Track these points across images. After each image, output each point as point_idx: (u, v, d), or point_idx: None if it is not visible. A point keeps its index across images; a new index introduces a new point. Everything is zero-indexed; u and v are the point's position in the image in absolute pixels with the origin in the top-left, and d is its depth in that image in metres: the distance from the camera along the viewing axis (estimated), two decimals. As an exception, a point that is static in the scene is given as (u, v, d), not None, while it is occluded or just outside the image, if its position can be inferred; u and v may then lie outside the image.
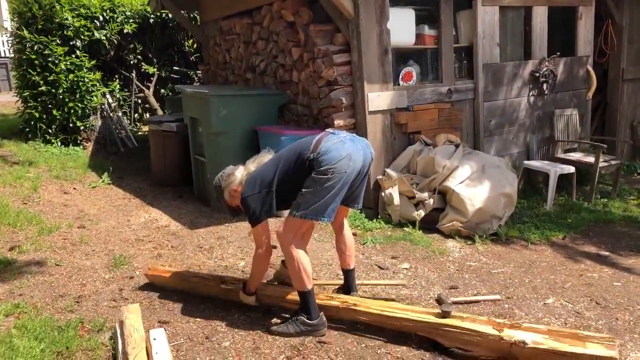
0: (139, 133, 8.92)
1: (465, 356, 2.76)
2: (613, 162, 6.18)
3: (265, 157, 3.16)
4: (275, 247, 4.35)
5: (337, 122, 4.95)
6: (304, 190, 2.88)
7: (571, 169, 5.80)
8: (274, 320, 3.15)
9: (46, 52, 7.18)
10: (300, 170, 2.92)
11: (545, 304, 3.47)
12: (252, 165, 3.13)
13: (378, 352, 2.85)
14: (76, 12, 7.69)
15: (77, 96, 7.43)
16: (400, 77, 5.25)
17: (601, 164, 5.90)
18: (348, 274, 3.33)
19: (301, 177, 2.91)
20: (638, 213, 5.53)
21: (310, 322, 2.96)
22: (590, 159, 6.00)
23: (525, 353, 2.63)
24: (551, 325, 3.15)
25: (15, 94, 7.92)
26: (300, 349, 2.85)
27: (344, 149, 2.90)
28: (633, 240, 4.75)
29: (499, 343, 2.66)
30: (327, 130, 3.08)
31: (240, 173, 3.10)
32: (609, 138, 7.00)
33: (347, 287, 3.33)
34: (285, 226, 2.95)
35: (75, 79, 7.34)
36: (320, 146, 2.90)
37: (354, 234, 4.65)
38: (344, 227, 3.30)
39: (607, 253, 4.47)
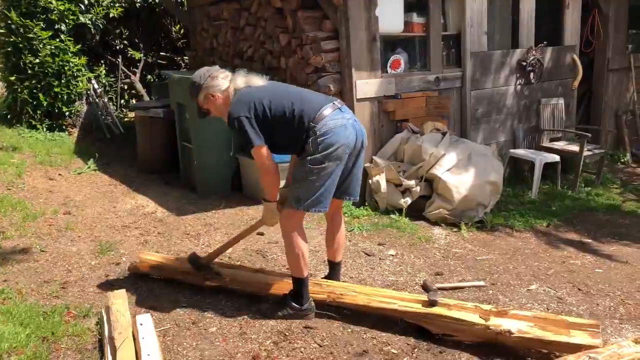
0: (125, 119, 8.83)
1: (451, 341, 2.80)
2: (597, 151, 6.25)
3: (256, 80, 2.95)
4: (262, 234, 4.37)
5: (324, 109, 4.95)
6: (301, 182, 2.84)
7: (556, 158, 5.86)
8: (261, 305, 3.15)
9: (30, 35, 7.07)
10: (295, 128, 2.81)
11: (528, 290, 3.53)
12: (241, 81, 2.95)
13: (364, 337, 2.88)
14: (60, -5, 7.56)
15: (63, 81, 7.32)
16: (389, 64, 5.25)
17: (585, 153, 5.97)
18: (334, 266, 3.31)
19: (293, 133, 2.83)
20: (620, 202, 5.62)
21: (298, 306, 2.97)
22: (575, 148, 6.07)
23: (511, 341, 2.68)
24: (534, 311, 3.20)
25: (-1, 79, 7.79)
26: (287, 334, 2.87)
27: (344, 135, 2.80)
28: (615, 228, 4.83)
29: (486, 332, 2.71)
30: (334, 103, 2.90)
31: (226, 82, 2.94)
32: (594, 127, 7.07)
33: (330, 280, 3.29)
34: (287, 215, 2.93)
35: (60, 64, 7.23)
36: (322, 122, 2.78)
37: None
38: (336, 218, 3.23)
39: (589, 240, 4.54)
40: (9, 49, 7.15)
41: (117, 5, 8.47)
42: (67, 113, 7.53)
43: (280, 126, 2.84)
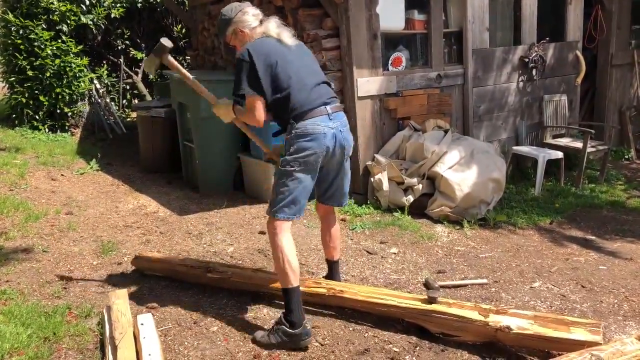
0: (128, 119, 8.85)
1: (452, 341, 2.79)
2: (601, 148, 6.22)
3: (287, 37, 2.83)
4: (264, 233, 4.37)
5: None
6: (275, 187, 2.78)
7: (559, 155, 5.83)
8: (255, 331, 2.90)
9: (32, 36, 7.07)
10: (282, 111, 2.77)
11: (531, 287, 3.51)
12: (274, 29, 2.84)
13: (365, 335, 2.87)
14: (62, -4, 7.58)
15: (65, 82, 7.34)
16: (390, 62, 5.23)
17: (589, 150, 5.93)
18: (332, 265, 3.28)
19: (280, 113, 2.80)
20: (624, 198, 5.59)
21: (292, 331, 2.70)
22: (579, 145, 6.04)
23: (510, 338, 2.66)
24: (537, 308, 3.19)
25: (1, 80, 7.81)
26: (288, 333, 2.86)
27: (320, 143, 2.72)
28: (619, 225, 4.80)
29: (485, 329, 2.69)
30: (326, 107, 2.78)
31: (256, 20, 2.86)
32: (597, 123, 7.04)
33: (330, 279, 3.26)
34: (269, 218, 2.86)
35: (62, 64, 7.24)
36: (302, 123, 2.71)
37: (344, 220, 4.66)
38: (329, 217, 3.19)
39: (593, 237, 4.51)
40: (10, 50, 7.16)
41: (118, 5, 8.48)
42: (69, 114, 7.55)
43: (274, 99, 2.78)
